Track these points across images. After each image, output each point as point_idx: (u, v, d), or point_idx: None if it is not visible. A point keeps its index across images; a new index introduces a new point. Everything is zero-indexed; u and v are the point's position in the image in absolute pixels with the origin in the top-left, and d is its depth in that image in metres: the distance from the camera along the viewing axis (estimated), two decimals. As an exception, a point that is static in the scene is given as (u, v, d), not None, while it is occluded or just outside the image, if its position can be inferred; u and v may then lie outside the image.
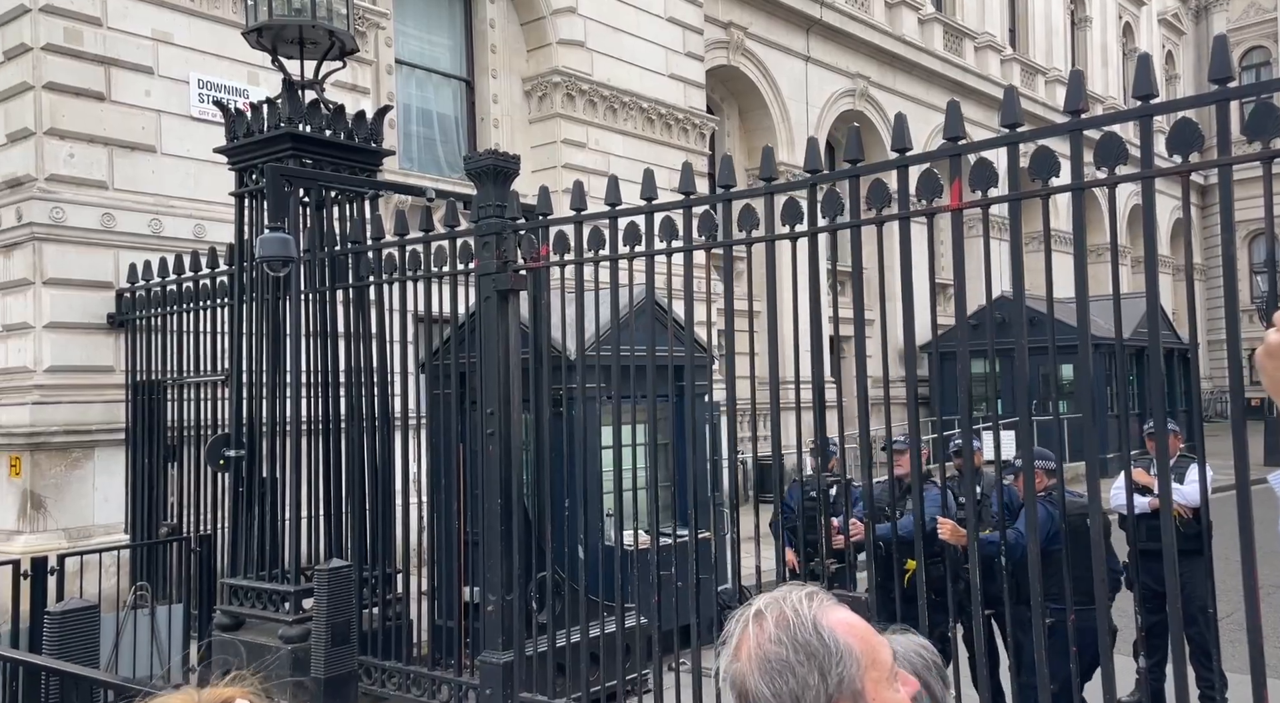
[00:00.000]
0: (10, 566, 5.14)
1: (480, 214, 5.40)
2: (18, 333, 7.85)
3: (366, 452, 6.13)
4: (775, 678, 1.10)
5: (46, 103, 7.66)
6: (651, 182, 4.74)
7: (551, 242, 5.22)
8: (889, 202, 4.21)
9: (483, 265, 5.38)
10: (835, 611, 1.16)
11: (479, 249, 5.41)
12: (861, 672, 1.12)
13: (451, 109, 11.67)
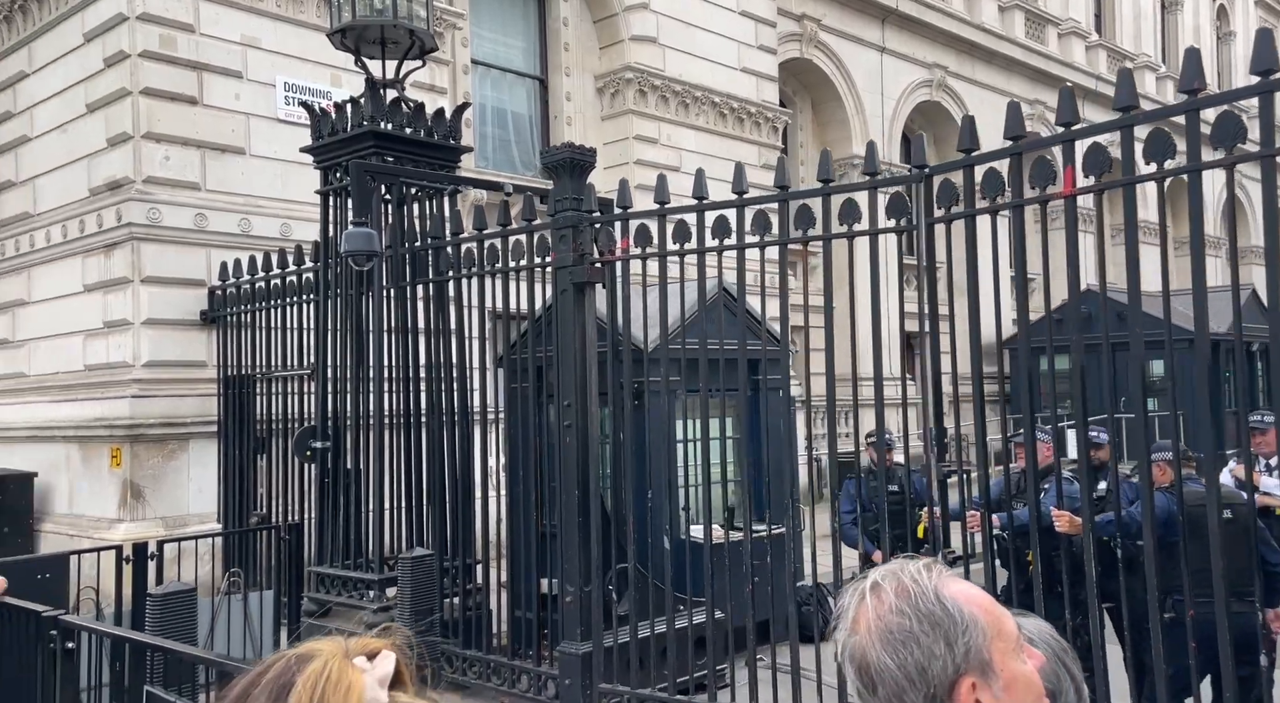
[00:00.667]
0: (114, 551, 5.37)
1: (557, 208, 5.43)
2: (118, 329, 8.20)
3: (446, 445, 6.22)
4: (899, 649, 1.07)
5: (144, 107, 7.98)
6: (742, 175, 4.76)
7: (632, 235, 5.24)
8: (955, 199, 4.10)
9: (559, 258, 5.41)
10: (955, 582, 1.12)
11: (555, 243, 5.44)
12: (988, 641, 1.07)
13: (525, 108, 11.79)
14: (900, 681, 1.06)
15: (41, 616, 3.52)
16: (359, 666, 0.73)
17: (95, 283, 8.36)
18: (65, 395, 8.57)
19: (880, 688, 1.08)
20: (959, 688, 1.05)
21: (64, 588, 5.03)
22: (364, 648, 0.75)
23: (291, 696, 0.70)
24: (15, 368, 9.34)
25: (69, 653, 3.40)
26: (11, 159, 9.44)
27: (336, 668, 0.72)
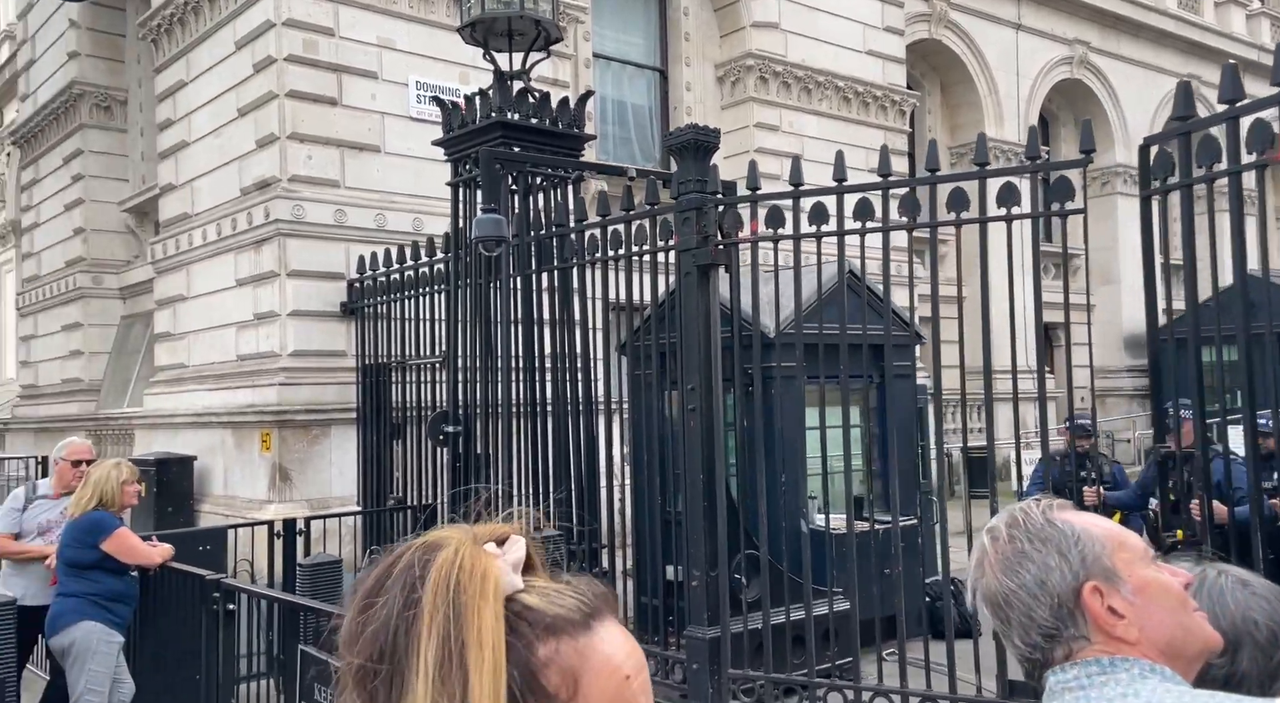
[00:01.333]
0: (265, 526, 5.69)
1: (680, 190, 5.39)
2: (266, 321, 8.69)
3: (571, 431, 6.30)
4: (1015, 571, 1.10)
5: (289, 109, 8.43)
6: (887, 158, 4.67)
7: (762, 217, 5.21)
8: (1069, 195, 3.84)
9: (683, 241, 5.37)
10: (1070, 511, 1.13)
11: (679, 225, 5.40)
12: (1109, 551, 1.08)
13: (645, 100, 11.82)
14: (1025, 599, 1.08)
15: (205, 579, 3.75)
16: (490, 551, 0.71)
17: (246, 277, 8.88)
18: (220, 384, 9.14)
19: (1012, 614, 1.09)
20: (1083, 594, 1.06)
21: (222, 560, 5.36)
22: (492, 534, 0.72)
23: (426, 586, 0.68)
24: (177, 359, 10.04)
25: (230, 615, 3.61)
26: (172, 164, 10.14)
27: (468, 555, 0.70)
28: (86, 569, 4.17)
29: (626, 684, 0.68)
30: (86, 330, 12.67)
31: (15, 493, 4.90)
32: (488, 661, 0.64)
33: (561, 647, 0.67)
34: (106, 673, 4.18)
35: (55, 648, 4.26)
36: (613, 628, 0.70)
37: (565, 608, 0.69)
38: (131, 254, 12.63)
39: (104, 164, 12.59)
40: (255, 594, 3.76)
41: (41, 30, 13.50)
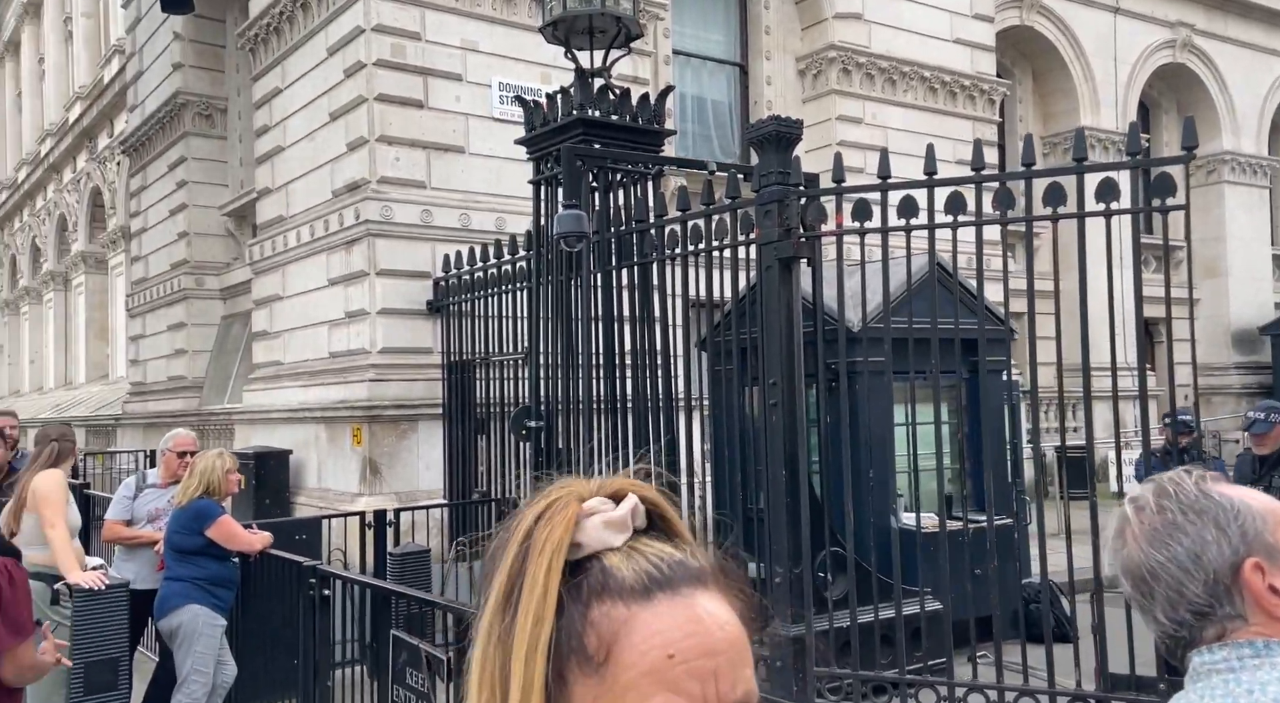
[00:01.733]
0: (357, 517, 5.87)
1: (761, 182, 5.34)
2: (357, 319, 8.95)
3: (651, 427, 6.31)
4: (1167, 543, 1.03)
5: (377, 113, 8.66)
6: (981, 152, 4.55)
7: (847, 212, 5.16)
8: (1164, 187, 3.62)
9: (764, 234, 5.32)
10: (1223, 483, 1.06)
11: (760, 218, 5.35)
12: (1270, 527, 1.00)
13: (725, 96, 11.75)
14: (1175, 573, 1.02)
15: (302, 565, 3.89)
16: (589, 506, 0.71)
17: (338, 277, 9.16)
18: (314, 381, 9.46)
19: (1157, 588, 1.03)
20: (1243, 570, 1.00)
21: (317, 548, 5.54)
22: (607, 489, 0.72)
23: (516, 527, 0.71)
24: (273, 357, 10.43)
25: (325, 600, 3.74)
26: (269, 168, 10.54)
27: (558, 506, 0.70)
28: (192, 555, 4.37)
29: (669, 663, 0.65)
30: (190, 330, 13.28)
31: (126, 482, 5.17)
32: (533, 607, 0.66)
33: (612, 611, 0.66)
34: (211, 655, 4.38)
35: (164, 630, 4.48)
36: (682, 605, 0.67)
37: (633, 574, 0.68)
38: (231, 256, 13.18)
39: (205, 170, 13.18)
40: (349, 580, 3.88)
41: (148, 43, 14.20)
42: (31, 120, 25.72)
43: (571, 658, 0.66)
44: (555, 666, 0.66)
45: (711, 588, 0.69)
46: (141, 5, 14.44)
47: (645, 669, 0.65)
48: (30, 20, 25.64)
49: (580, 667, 0.66)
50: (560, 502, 0.70)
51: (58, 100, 23.09)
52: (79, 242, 21.32)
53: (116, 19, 18.38)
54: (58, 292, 23.22)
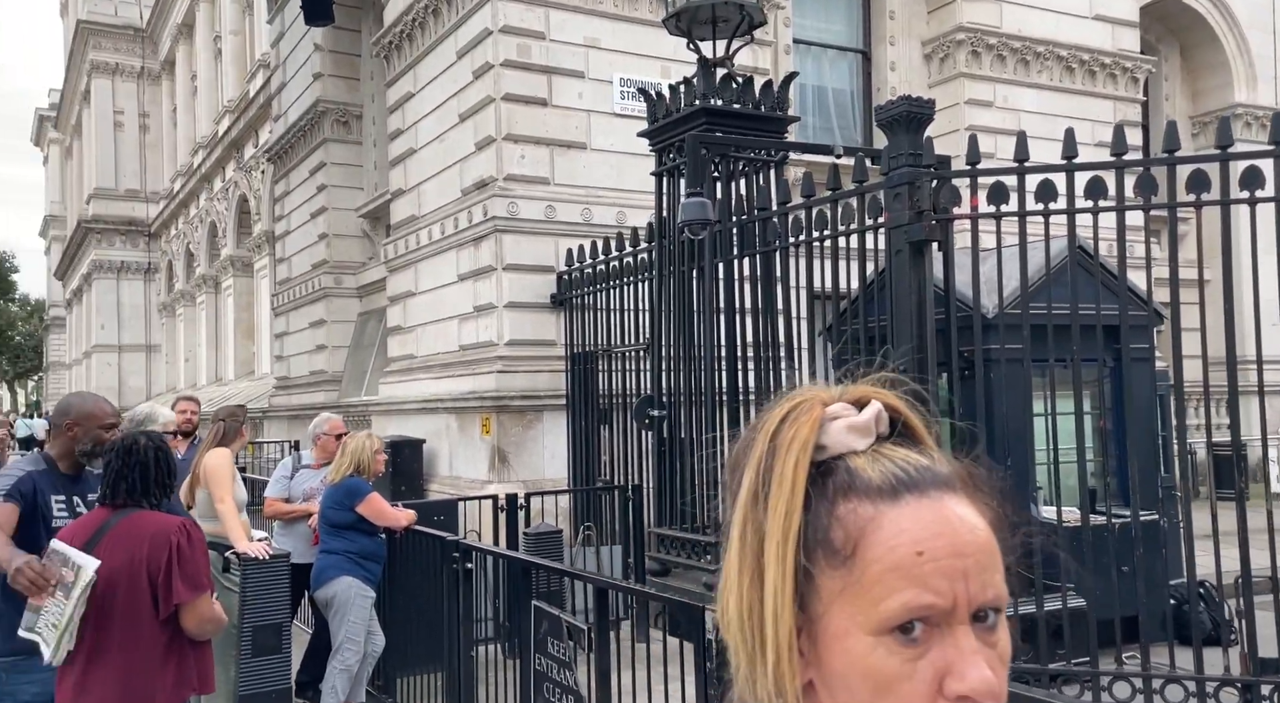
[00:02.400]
0: (490, 500, 6.09)
1: (891, 164, 5.22)
2: (485, 313, 9.25)
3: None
4: None
5: (504, 112, 8.93)
6: (1123, 137, 4.32)
7: (984, 194, 5.02)
8: None
9: (894, 217, 5.20)
10: None
11: (889, 202, 5.24)
12: None
13: (847, 83, 11.54)
14: None
15: (445, 540, 4.07)
16: (833, 410, 0.72)
17: (467, 272, 9.49)
18: (445, 373, 9.83)
19: None
20: None
21: (453, 529, 5.78)
22: (850, 395, 0.74)
23: (762, 426, 0.73)
24: (407, 351, 10.89)
25: (468, 573, 3.90)
26: (401, 170, 11.02)
27: (803, 408, 0.72)
28: (344, 529, 4.65)
29: (917, 560, 0.66)
30: (330, 327, 14.03)
31: (283, 463, 5.54)
32: (783, 502, 0.68)
33: (858, 508, 0.68)
34: (362, 624, 4.64)
35: (319, 600, 4.78)
36: (930, 506, 0.68)
37: (880, 475, 0.69)
38: (366, 256, 13.84)
39: (343, 174, 13.89)
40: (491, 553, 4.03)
41: (291, 55, 15.08)
42: (185, 134, 27.67)
43: (818, 551, 0.68)
44: (803, 556, 0.68)
45: (960, 493, 0.69)
46: (285, 19, 15.34)
47: (892, 565, 0.66)
48: (184, 40, 27.60)
49: (827, 559, 0.68)
50: (805, 405, 0.72)
51: (208, 114, 24.76)
52: (227, 247, 22.79)
53: (261, 35, 19.58)
54: (209, 294, 24.90)
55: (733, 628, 0.70)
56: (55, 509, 3.13)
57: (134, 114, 31.64)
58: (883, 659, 0.64)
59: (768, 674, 0.67)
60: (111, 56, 31.49)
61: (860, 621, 0.65)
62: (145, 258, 31.66)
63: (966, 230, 6.57)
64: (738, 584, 0.70)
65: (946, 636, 0.65)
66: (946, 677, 0.64)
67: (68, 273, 38.40)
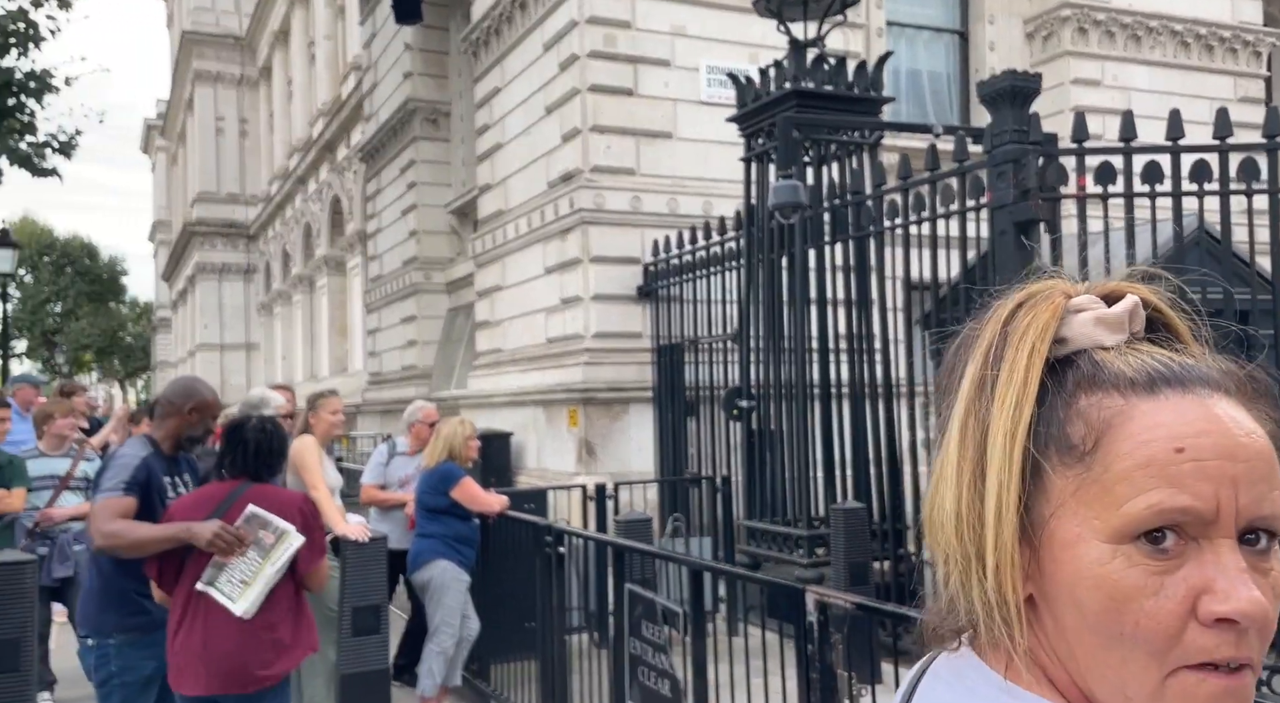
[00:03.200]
0: (579, 489, 6.06)
1: (994, 142, 4.98)
2: (571, 305, 9.25)
3: (870, 410, 6.07)
4: None
5: (590, 103, 8.90)
6: (1227, 121, 4.05)
7: (1092, 174, 4.82)
8: None
9: (997, 196, 4.95)
10: None
11: (993, 180, 5.00)
12: None
13: (943, 66, 11.15)
14: None
15: (538, 524, 4.04)
16: (1079, 303, 0.63)
17: (554, 265, 9.51)
18: (532, 366, 9.87)
19: None
20: None
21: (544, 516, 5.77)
22: (1098, 288, 0.65)
23: (992, 315, 0.66)
24: (494, 344, 11.00)
25: (561, 557, 3.86)
26: (489, 165, 11.12)
27: (1042, 298, 0.64)
28: (440, 514, 4.68)
29: (1175, 457, 0.55)
30: (420, 322, 14.29)
31: (379, 449, 5.62)
32: (1013, 392, 0.60)
33: (1104, 401, 0.59)
34: (458, 608, 4.67)
35: (416, 583, 4.82)
36: (1195, 402, 0.57)
37: (1132, 369, 0.60)
38: (455, 252, 14.05)
39: (432, 171, 14.13)
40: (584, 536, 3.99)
41: (382, 56, 15.42)
42: (281, 138, 28.69)
43: (1050, 446, 0.59)
44: (1033, 451, 0.59)
45: (1234, 396, 0.59)
46: (376, 21, 15.70)
47: (1143, 460, 0.56)
48: (280, 46, 28.61)
49: (1059, 456, 0.59)
50: (1044, 293, 0.64)
51: (303, 118, 25.59)
52: (321, 247, 23.50)
53: (353, 39, 20.10)
54: (304, 293, 25.74)
55: (945, 530, 0.61)
56: (168, 490, 3.31)
57: (234, 120, 32.97)
58: (1121, 570, 0.55)
59: (986, 580, 0.59)
60: (213, 65, 32.88)
61: (1097, 525, 0.56)
62: (245, 259, 32.97)
63: (1070, 216, 6.26)
64: (955, 482, 0.61)
65: (1205, 551, 0.54)
66: (1203, 595, 0.53)
67: (173, 275, 40.32)
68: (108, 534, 3.01)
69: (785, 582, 2.76)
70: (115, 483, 3.14)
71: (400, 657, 5.21)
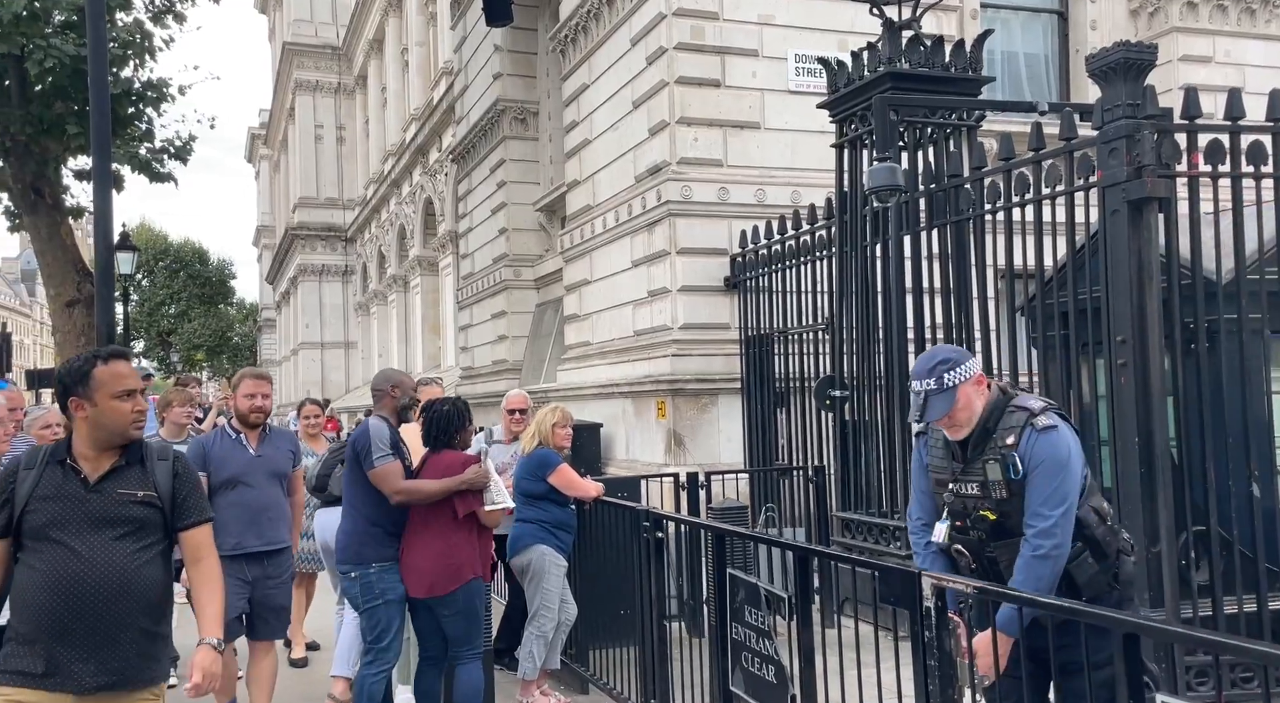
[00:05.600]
0: (671, 478, 6.09)
1: (1105, 117, 4.78)
2: (659, 297, 9.29)
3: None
4: None
5: (677, 96, 8.92)
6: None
7: (1202, 150, 4.61)
8: None
9: (1108, 175, 4.76)
10: None
11: (1103, 159, 4.80)
12: None
13: (1040, 47, 10.77)
14: None
15: (636, 509, 4.09)
16: None
17: (641, 258, 9.56)
18: (620, 358, 9.96)
19: None
20: None
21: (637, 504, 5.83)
22: None
23: None
24: (583, 338, 11.13)
25: (659, 543, 3.89)
26: (576, 161, 11.26)
27: None
28: (538, 499, 4.78)
29: None
30: (510, 317, 14.57)
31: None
32: None
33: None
34: (556, 592, 4.76)
35: (515, 567, 4.94)
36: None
37: None
38: (543, 248, 14.27)
39: (521, 170, 14.38)
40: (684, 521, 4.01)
41: (472, 59, 15.77)
42: (376, 143, 29.60)
43: None
44: None
45: None
46: (467, 24, 16.07)
47: None
48: (375, 55, 29.53)
49: None
50: None
51: (397, 123, 26.36)
52: (415, 247, 24.17)
53: (444, 45, 20.61)
54: (399, 293, 26.52)
55: None
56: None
57: (331, 127, 34.19)
58: None
59: None
60: (312, 74, 34.16)
61: None
62: (343, 261, 34.15)
63: (1181, 197, 5.98)
64: None
65: None
66: None
67: (277, 278, 42.05)
68: (404, 491, 4.07)
69: (899, 566, 2.71)
70: (383, 451, 4.09)
71: (499, 640, 5.32)
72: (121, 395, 2.50)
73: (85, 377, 2.51)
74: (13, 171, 11.88)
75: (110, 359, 2.56)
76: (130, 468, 2.54)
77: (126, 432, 2.53)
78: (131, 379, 2.55)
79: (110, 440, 2.53)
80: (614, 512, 4.63)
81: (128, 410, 2.50)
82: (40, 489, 2.47)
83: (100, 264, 6.60)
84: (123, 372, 2.54)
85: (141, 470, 2.55)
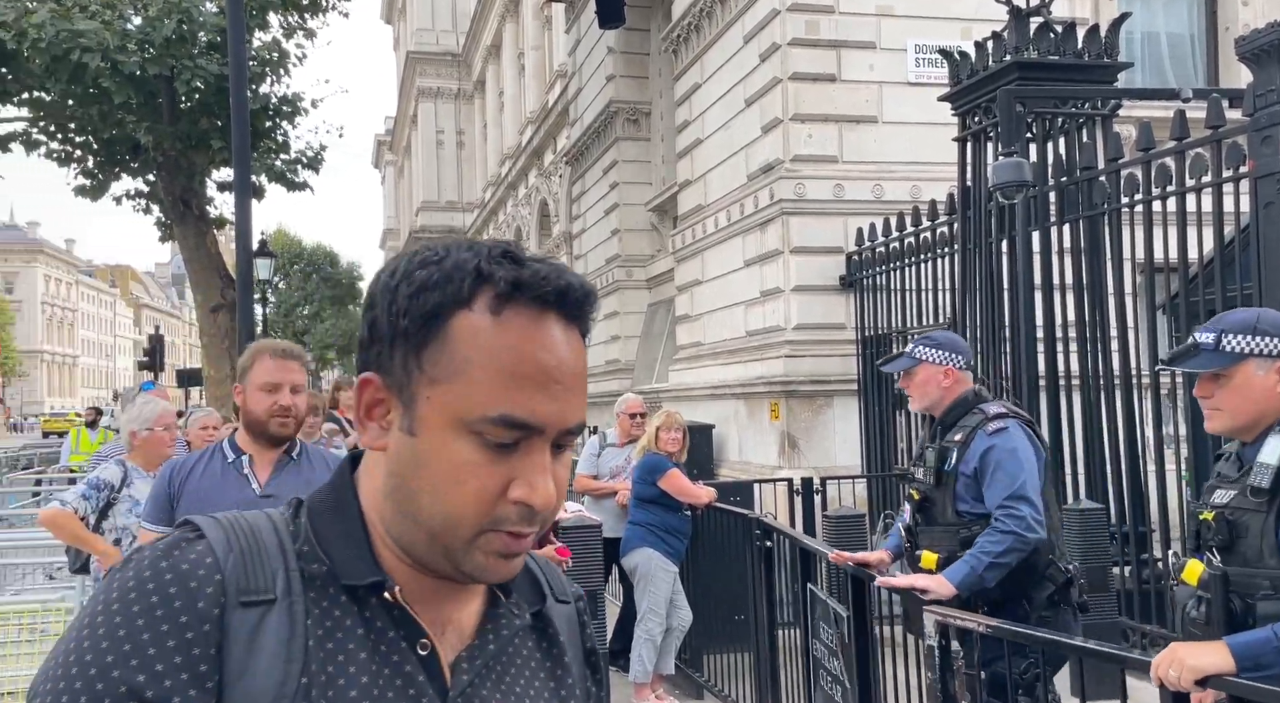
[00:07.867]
0: (785, 483, 6.00)
1: (1258, 104, 4.42)
2: (771, 297, 9.16)
3: (1106, 405, 5.59)
4: None
5: (791, 92, 8.77)
6: None
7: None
8: None
9: (1261, 165, 4.40)
10: None
11: (1255, 147, 4.44)
12: None
13: (1184, 26, 10.06)
14: None
15: (748, 516, 4.05)
16: None
17: (753, 257, 9.46)
18: (732, 359, 9.88)
19: None
20: None
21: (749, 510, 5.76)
22: None
23: None
24: (694, 338, 11.10)
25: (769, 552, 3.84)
26: (688, 161, 11.23)
27: None
28: (649, 503, 4.81)
29: None
30: (622, 318, 14.69)
31: (591, 441, 5.83)
32: None
33: None
34: (663, 596, 4.76)
35: (625, 568, 4.98)
36: None
37: None
38: (654, 248, 14.31)
39: (633, 171, 14.47)
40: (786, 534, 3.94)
41: (586, 61, 15.96)
42: (494, 147, 30.39)
43: None
44: None
45: None
46: (581, 28, 16.28)
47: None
48: (492, 60, 30.30)
49: None
50: None
51: (513, 126, 26.98)
52: (531, 248, 24.61)
53: (558, 48, 20.96)
54: (516, 293, 27.09)
55: None
56: None
57: (452, 132, 35.30)
58: None
59: None
60: (433, 81, 35.36)
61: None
62: (463, 262, 35.17)
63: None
64: None
65: None
66: None
67: (401, 278, 43.64)
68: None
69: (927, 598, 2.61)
70: None
71: (614, 642, 5.37)
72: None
73: None
74: (164, 185, 12.79)
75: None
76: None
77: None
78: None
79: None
80: (727, 518, 4.60)
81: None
82: None
83: (241, 272, 7.01)
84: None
85: None
